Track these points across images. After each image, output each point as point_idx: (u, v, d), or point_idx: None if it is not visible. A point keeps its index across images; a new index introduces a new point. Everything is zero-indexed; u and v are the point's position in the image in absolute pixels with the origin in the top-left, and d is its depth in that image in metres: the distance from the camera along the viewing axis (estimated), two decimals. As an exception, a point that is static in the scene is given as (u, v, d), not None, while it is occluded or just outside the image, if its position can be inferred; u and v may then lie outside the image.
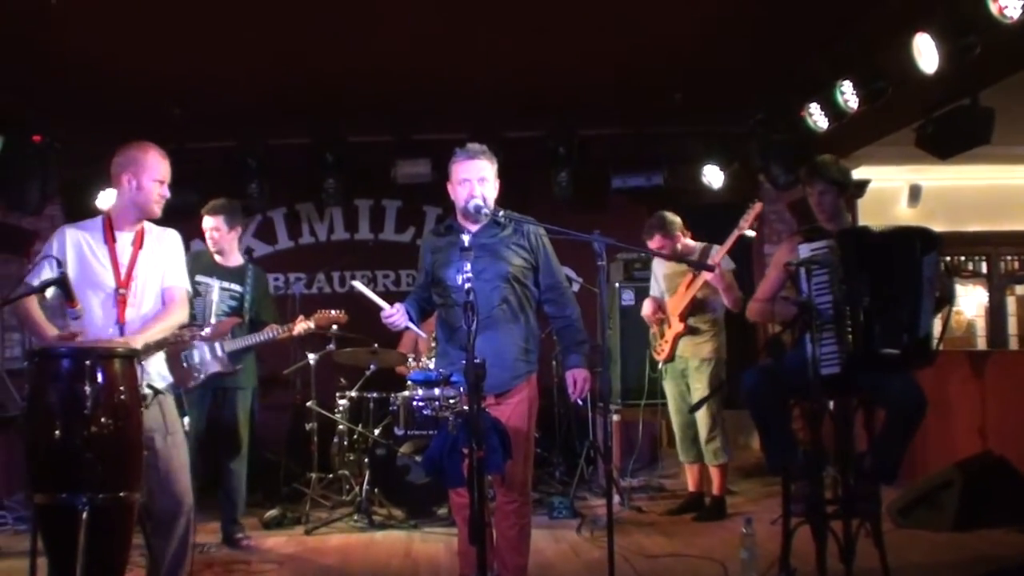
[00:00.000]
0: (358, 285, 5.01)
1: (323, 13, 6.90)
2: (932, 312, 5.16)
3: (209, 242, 7.20)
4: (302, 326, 7.12)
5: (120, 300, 4.83)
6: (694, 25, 7.36)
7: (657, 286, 7.96)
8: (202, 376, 6.79)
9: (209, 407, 7.04)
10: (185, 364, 6.76)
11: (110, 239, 4.92)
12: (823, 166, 5.63)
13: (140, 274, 4.93)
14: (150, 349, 4.82)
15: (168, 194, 4.99)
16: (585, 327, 5.24)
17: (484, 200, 4.92)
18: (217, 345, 6.83)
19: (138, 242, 4.97)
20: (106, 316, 4.81)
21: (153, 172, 4.93)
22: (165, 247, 5.09)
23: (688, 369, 7.65)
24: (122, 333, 4.79)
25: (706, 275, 7.21)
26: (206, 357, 6.79)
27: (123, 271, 4.87)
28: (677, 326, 7.61)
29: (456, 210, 5.10)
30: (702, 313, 7.61)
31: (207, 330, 6.76)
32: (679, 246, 7.70)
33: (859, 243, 5.19)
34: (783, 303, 5.57)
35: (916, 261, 5.09)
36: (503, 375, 4.83)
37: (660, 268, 7.94)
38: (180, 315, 5.04)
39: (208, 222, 7.17)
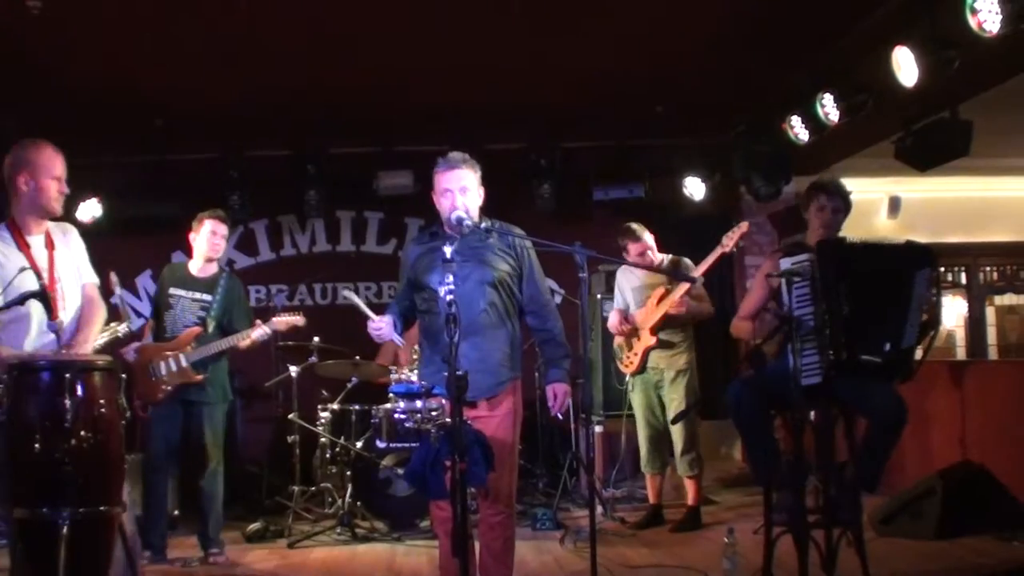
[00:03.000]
0: (349, 295, 4.97)
1: (305, 25, 6.90)
2: (918, 327, 5.17)
3: (212, 249, 7.06)
4: (259, 332, 6.98)
5: (52, 304, 4.81)
6: (676, 38, 7.39)
7: (622, 298, 7.93)
8: (170, 387, 6.74)
9: (179, 422, 6.96)
10: (153, 377, 6.72)
11: (23, 245, 4.86)
12: (837, 183, 5.68)
13: (61, 275, 4.91)
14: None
15: (67, 190, 4.95)
16: (567, 339, 5.21)
17: (467, 211, 4.88)
18: (181, 356, 6.77)
19: (49, 243, 4.94)
20: (41, 322, 4.76)
21: (50, 170, 4.88)
22: (73, 243, 5.08)
23: (663, 381, 7.63)
24: (58, 336, 4.76)
25: (673, 310, 7.28)
26: (172, 369, 6.74)
27: (45, 275, 4.83)
28: (648, 339, 7.58)
29: (441, 220, 5.07)
30: (676, 326, 7.60)
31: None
32: (649, 252, 7.68)
33: (839, 254, 5.22)
34: (763, 319, 5.59)
35: (909, 275, 5.11)
36: (488, 380, 4.79)
37: (627, 281, 7.91)
38: (102, 311, 5.05)
39: (221, 228, 7.09)
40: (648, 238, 7.66)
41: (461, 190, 4.91)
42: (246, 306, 7.29)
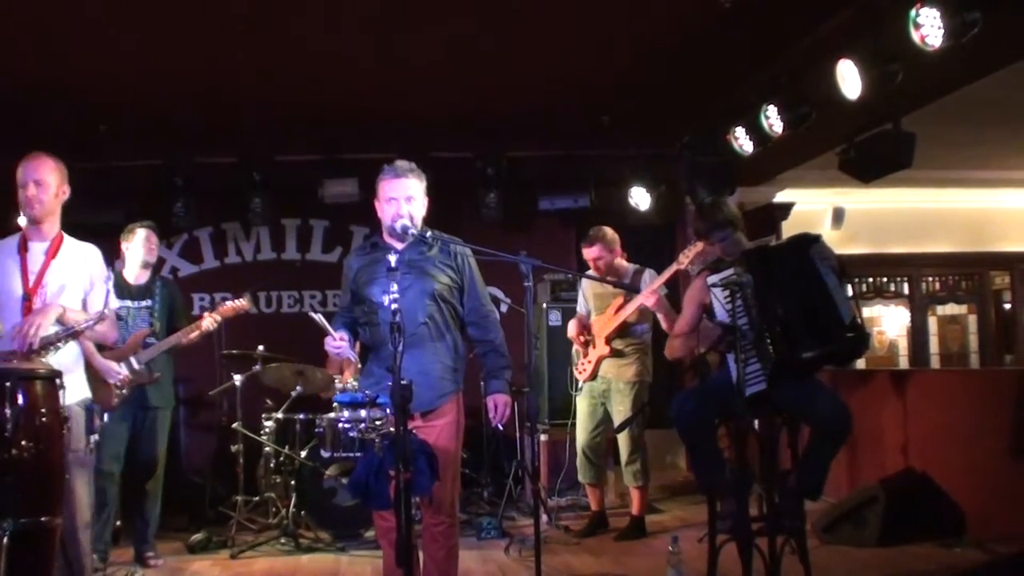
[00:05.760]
0: (316, 317, 4.93)
1: (250, 31, 6.88)
2: (847, 300, 5.22)
3: (149, 253, 7.22)
4: (208, 321, 7.12)
5: (27, 307, 4.80)
6: (623, 49, 7.43)
7: (584, 304, 7.94)
8: (125, 391, 6.72)
9: (129, 428, 6.99)
10: (106, 383, 6.69)
11: (22, 249, 4.95)
12: (712, 215, 5.76)
13: (50, 281, 4.91)
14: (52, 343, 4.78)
15: (36, 193, 4.98)
16: (512, 347, 5.23)
17: (411, 220, 4.89)
18: (132, 359, 6.79)
19: (52, 251, 4.98)
20: (12, 322, 4.76)
21: (18, 180, 4.99)
22: (89, 265, 5.10)
23: (611, 391, 7.64)
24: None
25: (645, 301, 7.22)
26: (125, 372, 6.73)
27: (32, 278, 4.87)
28: (602, 348, 7.60)
29: (382, 228, 5.07)
30: (629, 336, 7.62)
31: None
32: (615, 262, 7.69)
33: (763, 259, 5.32)
34: (705, 329, 5.62)
35: (808, 258, 5.20)
36: (428, 394, 4.79)
37: (589, 286, 7.91)
38: (77, 316, 4.97)
39: (154, 236, 7.27)
40: (604, 244, 7.63)
41: (407, 199, 4.92)
42: (186, 309, 7.35)
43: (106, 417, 6.52)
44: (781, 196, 10.61)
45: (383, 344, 4.75)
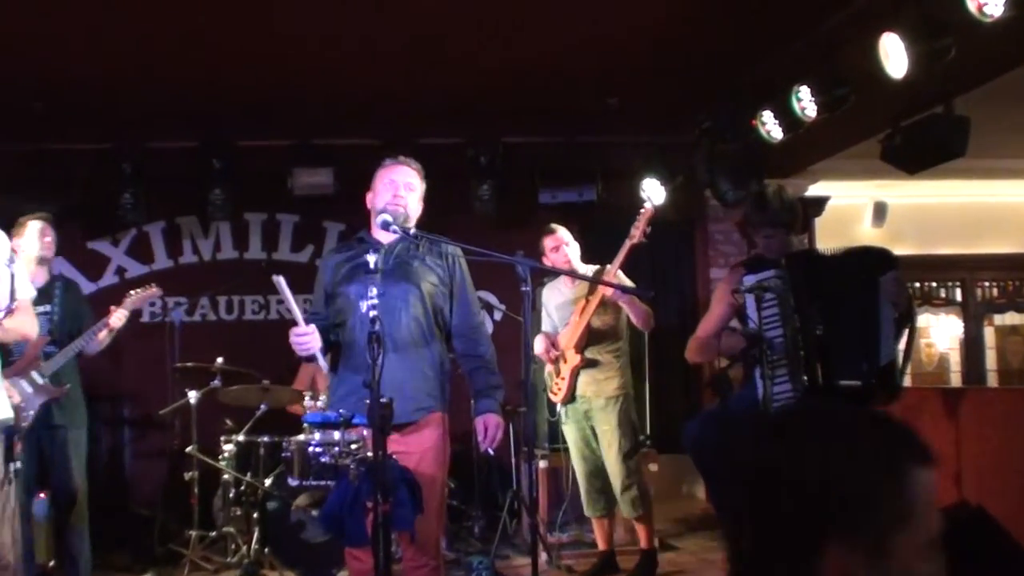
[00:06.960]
0: (279, 281, 4.84)
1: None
2: (894, 338, 5.21)
3: (45, 247, 7.10)
4: (117, 316, 7.03)
5: None
6: (632, 22, 7.40)
7: (549, 320, 7.88)
8: (31, 413, 6.64)
9: (37, 453, 6.89)
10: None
11: None
12: (761, 207, 5.70)
13: None
14: None
15: None
16: (507, 360, 5.22)
17: (406, 210, 4.97)
18: (34, 374, 6.69)
19: None
20: None
21: None
22: None
23: (592, 410, 7.55)
24: None
25: (604, 292, 7.19)
26: (27, 391, 6.64)
27: None
28: (573, 359, 7.50)
29: (370, 221, 5.08)
30: (602, 342, 7.56)
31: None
32: (574, 263, 7.66)
33: (810, 267, 5.27)
34: (729, 334, 5.59)
35: (873, 282, 5.16)
36: (404, 405, 4.73)
37: (551, 299, 7.87)
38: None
39: (50, 229, 7.14)
40: (564, 234, 7.65)
41: (406, 186, 5.04)
42: (89, 310, 7.27)
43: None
44: (815, 189, 10.60)
45: (354, 347, 4.74)
